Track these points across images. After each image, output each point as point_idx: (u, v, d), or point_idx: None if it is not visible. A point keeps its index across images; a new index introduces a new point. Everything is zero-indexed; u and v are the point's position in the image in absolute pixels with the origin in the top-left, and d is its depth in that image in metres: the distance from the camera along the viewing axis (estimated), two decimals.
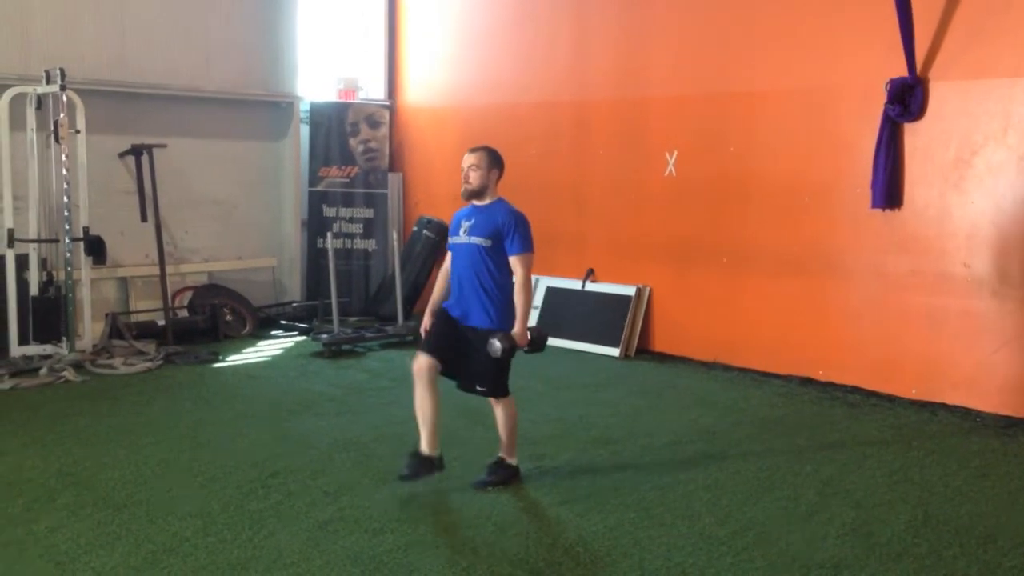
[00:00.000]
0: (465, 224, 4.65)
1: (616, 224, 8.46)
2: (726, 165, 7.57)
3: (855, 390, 6.78)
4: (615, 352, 8.10)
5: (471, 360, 4.62)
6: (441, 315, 4.71)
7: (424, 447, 4.59)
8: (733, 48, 7.51)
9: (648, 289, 8.21)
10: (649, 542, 4.11)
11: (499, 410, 4.74)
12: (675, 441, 5.65)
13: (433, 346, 4.60)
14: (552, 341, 8.55)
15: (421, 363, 4.53)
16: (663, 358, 8.02)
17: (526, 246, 4.61)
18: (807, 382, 7.04)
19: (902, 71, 6.38)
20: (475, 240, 4.58)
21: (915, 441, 5.67)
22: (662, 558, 3.94)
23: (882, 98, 6.47)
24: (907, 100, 6.40)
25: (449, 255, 4.82)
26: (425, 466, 4.58)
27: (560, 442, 5.61)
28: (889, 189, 6.53)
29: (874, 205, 6.60)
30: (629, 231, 8.36)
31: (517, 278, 4.59)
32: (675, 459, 5.29)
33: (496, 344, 4.47)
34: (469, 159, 4.64)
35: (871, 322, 6.76)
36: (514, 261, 4.59)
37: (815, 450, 5.49)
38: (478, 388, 4.66)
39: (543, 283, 8.93)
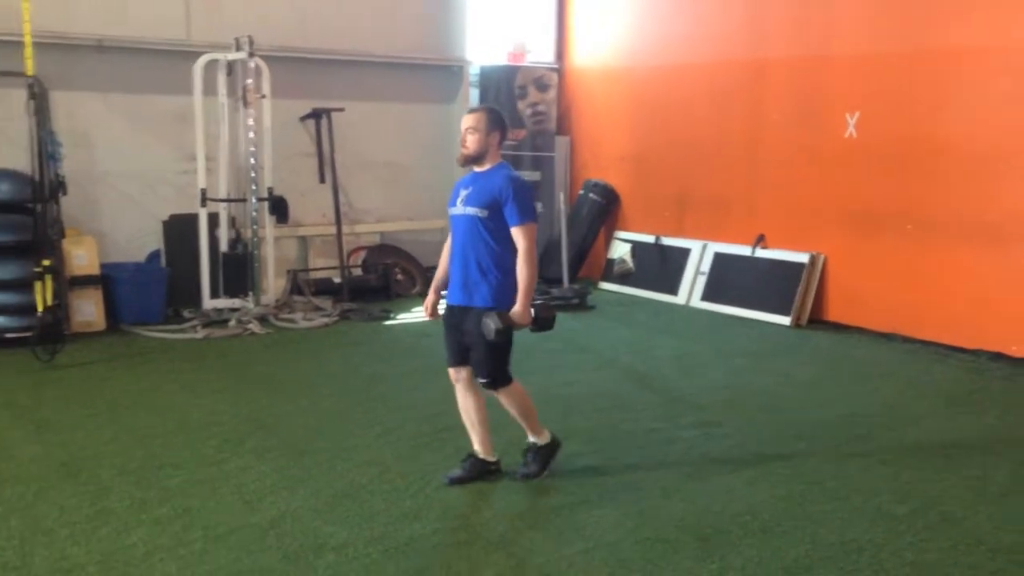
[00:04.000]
0: (463, 193, 4.19)
1: (789, 188, 8.16)
2: (914, 127, 7.14)
3: None
4: (786, 320, 7.85)
5: (471, 346, 4.19)
6: (445, 316, 4.31)
7: (476, 448, 4.35)
8: (926, 1, 7.04)
9: (823, 256, 7.90)
10: (822, 516, 3.98)
11: (503, 400, 4.28)
12: (851, 413, 5.43)
13: (450, 353, 4.28)
14: (719, 308, 8.44)
15: (450, 372, 4.28)
16: (837, 328, 7.71)
17: (526, 215, 4.06)
18: (998, 357, 6.61)
19: None
20: (470, 211, 4.11)
21: None
22: (836, 533, 3.81)
23: None
24: None
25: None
26: (476, 467, 4.32)
27: (728, 409, 5.51)
28: None
29: None
30: (803, 196, 8.04)
31: (519, 251, 4.07)
32: (851, 432, 5.09)
33: (489, 324, 3.98)
34: (467, 120, 4.17)
35: None
36: (515, 232, 4.07)
37: (1007, 428, 5.17)
38: (480, 380, 4.23)
39: (711, 248, 8.75)
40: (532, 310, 4.12)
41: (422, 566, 3.50)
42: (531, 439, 4.40)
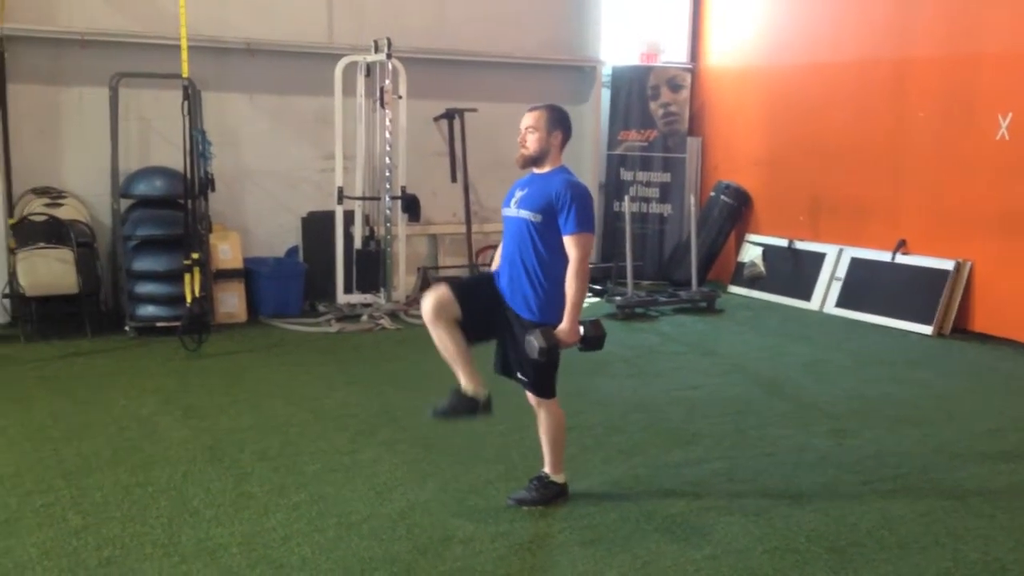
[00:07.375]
0: (519, 194, 3.95)
1: (934, 192, 7.82)
2: None
3: None
4: (927, 330, 7.53)
5: (511, 344, 3.98)
6: (486, 276, 4.15)
7: (463, 385, 4.03)
8: None
9: (969, 264, 7.53)
10: (965, 532, 3.81)
11: (541, 413, 4.04)
12: (997, 428, 5.17)
13: (458, 288, 3.91)
14: (856, 315, 8.16)
15: (432, 301, 3.86)
16: (983, 339, 7.35)
17: (583, 224, 3.78)
18: None
19: None
20: (523, 214, 3.86)
21: None
22: (979, 551, 3.64)
23: None
24: None
25: None
26: (463, 404, 4.02)
27: (863, 419, 5.33)
28: None
29: None
30: (949, 200, 7.69)
31: (571, 261, 3.80)
32: (997, 448, 4.85)
33: (533, 343, 3.74)
34: (527, 119, 3.92)
35: None
36: (568, 242, 3.80)
37: None
38: (519, 376, 4.00)
39: (847, 253, 8.48)
40: (581, 328, 3.87)
41: (547, 564, 3.53)
42: (545, 470, 4.12)
